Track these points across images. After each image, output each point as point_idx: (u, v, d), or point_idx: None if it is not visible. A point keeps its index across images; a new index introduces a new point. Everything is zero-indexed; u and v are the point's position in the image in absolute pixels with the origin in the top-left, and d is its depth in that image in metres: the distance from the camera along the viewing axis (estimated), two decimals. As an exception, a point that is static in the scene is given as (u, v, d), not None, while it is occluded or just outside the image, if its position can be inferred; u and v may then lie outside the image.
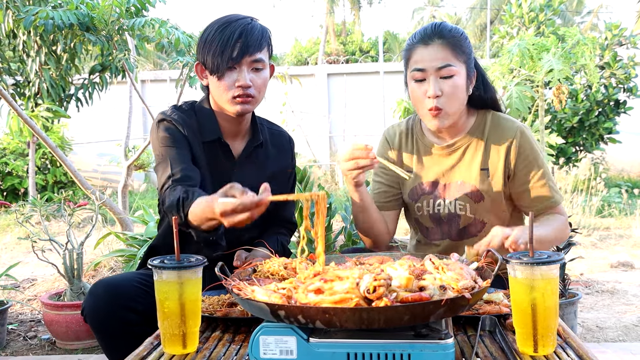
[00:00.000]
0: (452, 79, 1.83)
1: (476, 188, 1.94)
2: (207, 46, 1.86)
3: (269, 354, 1.20)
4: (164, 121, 1.93)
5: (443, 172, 1.98)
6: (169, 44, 4.39)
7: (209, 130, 1.94)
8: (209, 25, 1.90)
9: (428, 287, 1.17)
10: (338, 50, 23.83)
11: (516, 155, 1.91)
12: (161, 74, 12.88)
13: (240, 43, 1.83)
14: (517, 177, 1.92)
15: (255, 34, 1.86)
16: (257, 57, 1.86)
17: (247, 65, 1.86)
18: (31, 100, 5.02)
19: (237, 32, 1.83)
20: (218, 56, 1.83)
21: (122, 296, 1.73)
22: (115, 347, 1.76)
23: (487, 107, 2.00)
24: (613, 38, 7.47)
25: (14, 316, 3.91)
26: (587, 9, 25.43)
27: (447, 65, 1.82)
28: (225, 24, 1.86)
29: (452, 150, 1.97)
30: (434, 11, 29.17)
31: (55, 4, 4.34)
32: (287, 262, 1.54)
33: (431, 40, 1.84)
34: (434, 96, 1.83)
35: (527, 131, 1.94)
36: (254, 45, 1.85)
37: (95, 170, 11.75)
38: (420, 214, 2.03)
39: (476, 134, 1.96)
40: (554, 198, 1.92)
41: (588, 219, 6.98)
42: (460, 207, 1.96)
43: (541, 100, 4.11)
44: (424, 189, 2.01)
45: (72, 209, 3.47)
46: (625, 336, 3.41)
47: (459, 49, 1.85)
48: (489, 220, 1.96)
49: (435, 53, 1.83)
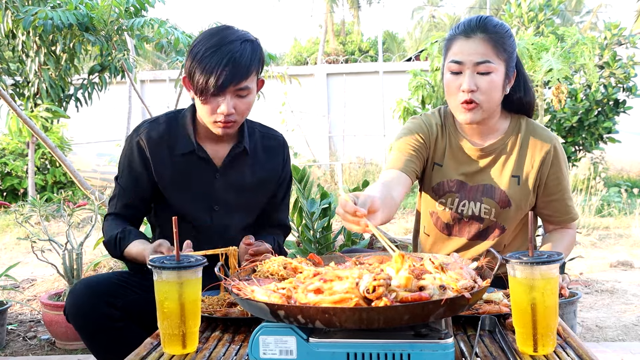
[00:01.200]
0: (490, 75, 1.79)
1: (505, 194, 1.92)
2: (195, 66, 1.80)
3: (269, 354, 1.19)
4: (129, 143, 1.98)
5: (473, 173, 1.95)
6: (168, 43, 4.39)
7: (184, 143, 1.95)
8: (200, 41, 1.83)
9: (428, 287, 1.17)
10: (337, 50, 23.82)
11: (550, 167, 1.90)
12: (160, 74, 12.87)
13: (227, 72, 1.77)
14: (547, 187, 1.92)
15: (243, 61, 1.79)
16: (242, 86, 1.82)
17: (231, 93, 1.82)
18: (30, 100, 5.03)
19: (225, 60, 1.77)
20: (204, 82, 1.78)
21: (101, 293, 1.78)
22: (99, 343, 1.81)
23: (522, 112, 1.96)
24: (612, 37, 7.47)
25: (13, 316, 3.91)
26: (586, 9, 25.45)
27: (485, 61, 1.78)
28: (215, 48, 1.78)
29: (485, 153, 1.94)
30: (433, 11, 29.17)
31: (54, 4, 4.34)
32: (287, 262, 1.54)
33: (473, 33, 1.80)
34: (468, 91, 1.79)
35: (560, 144, 1.94)
36: (241, 74, 1.80)
37: (94, 171, 11.74)
38: (441, 210, 1.99)
39: (511, 139, 1.93)
40: (572, 214, 1.96)
41: (588, 218, 6.98)
42: (486, 210, 1.94)
43: (541, 100, 4.11)
44: (451, 186, 1.96)
45: (71, 209, 3.47)
46: (625, 335, 3.41)
47: (501, 46, 1.80)
48: (509, 226, 1.96)
49: (476, 47, 1.79)
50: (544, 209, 1.96)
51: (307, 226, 3.44)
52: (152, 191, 1.98)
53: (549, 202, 1.94)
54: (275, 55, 4.61)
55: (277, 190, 2.11)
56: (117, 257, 1.94)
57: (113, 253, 1.93)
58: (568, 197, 1.95)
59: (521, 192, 1.91)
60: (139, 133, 1.96)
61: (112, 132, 10.26)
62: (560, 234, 1.96)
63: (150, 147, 1.94)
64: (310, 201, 3.40)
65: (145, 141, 1.94)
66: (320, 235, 3.43)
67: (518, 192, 1.91)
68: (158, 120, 2.00)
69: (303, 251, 3.42)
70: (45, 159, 9.63)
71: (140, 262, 1.82)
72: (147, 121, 2.02)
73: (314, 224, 3.41)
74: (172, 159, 1.95)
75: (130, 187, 1.97)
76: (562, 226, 1.98)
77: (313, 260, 1.59)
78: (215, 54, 1.77)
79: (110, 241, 1.92)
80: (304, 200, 3.38)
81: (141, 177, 1.96)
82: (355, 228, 1.46)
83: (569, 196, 1.95)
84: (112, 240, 1.91)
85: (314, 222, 3.40)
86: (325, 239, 3.43)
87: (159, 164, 1.94)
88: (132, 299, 1.83)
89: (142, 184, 1.97)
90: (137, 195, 1.98)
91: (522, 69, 1.94)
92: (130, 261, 1.91)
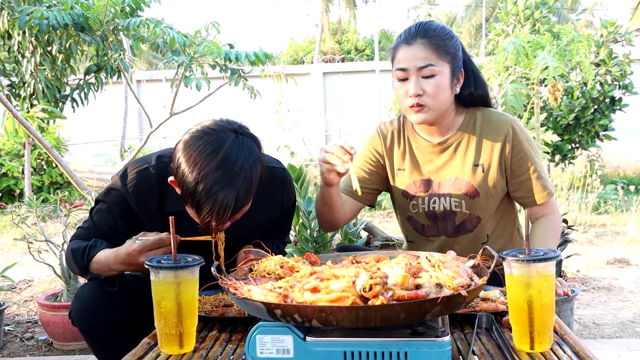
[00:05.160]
0: (434, 78, 1.84)
1: (470, 184, 1.95)
2: (189, 195, 1.56)
3: (266, 353, 1.19)
4: (116, 190, 1.79)
5: (436, 170, 2.00)
6: (164, 43, 4.38)
7: (174, 200, 1.72)
8: (198, 167, 1.54)
9: (424, 285, 1.17)
10: (334, 49, 23.82)
11: (511, 149, 1.92)
12: (157, 74, 12.87)
13: (221, 217, 1.56)
14: (512, 169, 1.94)
15: (239, 203, 1.57)
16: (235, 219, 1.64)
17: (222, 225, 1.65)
18: (26, 101, 5.02)
19: (223, 206, 1.53)
20: (195, 215, 1.60)
21: (107, 296, 1.75)
22: (105, 348, 1.78)
23: (478, 105, 2.00)
24: (608, 35, 7.49)
25: (10, 317, 3.90)
26: (582, 7, 25.50)
27: (428, 64, 1.83)
28: (215, 188, 1.52)
29: (444, 147, 1.98)
30: (429, 9, 29.18)
31: (49, 4, 4.33)
32: (284, 261, 1.54)
33: (414, 40, 1.86)
34: (415, 95, 1.84)
35: (519, 124, 1.96)
36: (236, 213, 1.61)
37: (91, 171, 11.72)
38: (415, 212, 2.04)
39: (467, 130, 1.97)
40: (548, 189, 1.95)
41: (584, 215, 7.00)
42: (456, 203, 1.97)
43: (537, 98, 4.12)
44: (418, 186, 2.02)
45: (68, 210, 3.46)
46: (622, 332, 3.42)
47: (442, 49, 1.85)
48: (484, 215, 1.98)
49: (416, 53, 1.85)
50: (517, 192, 1.97)
51: (304, 225, 3.44)
52: (130, 236, 1.79)
53: (519, 184, 1.95)
54: (271, 55, 4.61)
55: (278, 220, 2.01)
56: (79, 268, 1.76)
57: (78, 263, 1.75)
58: (538, 175, 1.93)
59: (487, 179, 1.94)
60: (127, 183, 1.77)
61: (109, 132, 10.26)
62: (546, 224, 1.95)
63: (138, 202, 1.78)
64: (307, 200, 3.40)
65: (132, 195, 1.77)
66: (317, 234, 3.43)
67: (483, 180, 1.94)
68: (148, 170, 1.79)
69: (300, 250, 3.43)
70: (42, 159, 9.63)
71: (107, 268, 1.70)
72: (136, 167, 1.81)
73: (311, 223, 3.41)
74: (161, 215, 1.77)
75: (104, 231, 1.81)
76: (543, 209, 1.96)
77: (310, 259, 1.59)
78: (215, 197, 1.53)
79: (76, 250, 1.75)
80: (301, 199, 3.38)
81: (119, 226, 1.81)
82: (334, 161, 1.73)
83: (539, 174, 1.94)
84: (79, 249, 1.74)
85: (310, 221, 3.40)
86: (322, 238, 3.43)
87: (148, 219, 1.79)
88: (138, 303, 1.76)
89: (119, 231, 1.81)
90: (110, 237, 1.80)
91: (470, 65, 1.98)
92: (92, 273, 1.75)
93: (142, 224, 1.80)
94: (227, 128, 1.61)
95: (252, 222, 1.81)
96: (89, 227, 1.84)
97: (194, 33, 4.52)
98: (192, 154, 1.55)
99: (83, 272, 1.77)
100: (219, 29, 4.35)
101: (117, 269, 1.70)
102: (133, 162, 1.85)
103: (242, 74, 4.35)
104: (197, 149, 1.56)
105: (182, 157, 1.57)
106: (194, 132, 1.61)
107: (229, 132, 1.60)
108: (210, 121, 1.65)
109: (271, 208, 1.94)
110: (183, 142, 1.60)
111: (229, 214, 1.55)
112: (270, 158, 1.95)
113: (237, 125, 1.64)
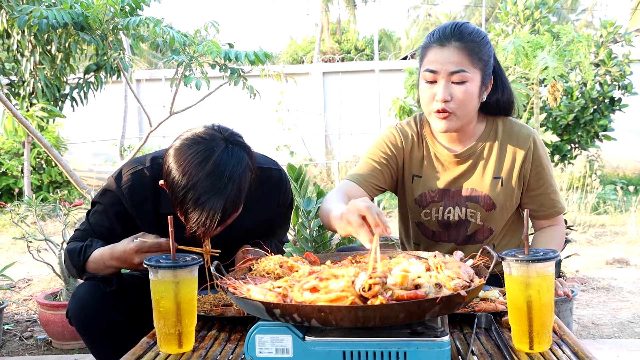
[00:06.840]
0: (464, 85, 1.76)
1: (488, 197, 1.90)
2: (178, 203, 1.57)
3: (265, 353, 1.19)
4: (111, 192, 1.79)
5: (454, 180, 1.93)
6: (163, 43, 4.37)
7: (167, 203, 1.68)
8: (187, 176, 1.54)
9: (423, 285, 1.17)
10: (333, 48, 23.80)
11: (531, 164, 1.89)
12: (156, 73, 12.86)
13: (208, 226, 1.56)
14: (530, 184, 1.91)
15: (227, 212, 1.57)
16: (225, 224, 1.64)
17: None
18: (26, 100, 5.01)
19: (210, 215, 1.53)
20: (185, 222, 1.59)
21: (104, 296, 1.75)
22: (102, 347, 1.79)
23: (501, 113, 1.94)
24: (608, 35, 7.48)
25: (9, 316, 3.90)
26: (582, 7, 25.50)
27: (460, 70, 1.75)
28: (203, 197, 1.53)
29: (464, 158, 1.92)
30: (429, 9, 29.17)
31: (49, 3, 4.33)
32: (283, 261, 1.54)
33: (448, 41, 1.76)
34: (442, 100, 1.76)
35: (539, 137, 1.93)
36: (225, 222, 1.60)
37: (90, 170, 11.71)
38: (427, 219, 1.98)
39: (488, 140, 1.91)
40: (560, 205, 1.94)
41: (583, 216, 7.00)
42: (471, 214, 1.93)
43: (536, 98, 4.12)
44: (434, 196, 1.95)
45: (67, 209, 3.46)
46: (621, 332, 3.42)
47: (476, 54, 1.77)
48: (496, 228, 1.95)
49: (450, 56, 1.75)
50: (529, 204, 1.93)
51: (303, 225, 3.44)
52: (126, 236, 1.76)
53: (533, 197, 1.93)
54: (271, 54, 4.61)
55: (274, 220, 2.01)
56: (76, 269, 1.77)
57: (75, 263, 1.76)
58: (552, 190, 1.92)
59: (505, 193, 1.90)
60: (121, 184, 1.77)
61: (108, 131, 10.24)
62: (551, 232, 1.95)
63: (132, 203, 1.77)
64: (307, 200, 3.40)
65: (127, 196, 1.77)
66: (316, 233, 3.43)
67: (502, 193, 1.90)
68: (143, 172, 1.79)
69: (299, 250, 3.42)
70: (41, 158, 9.61)
71: (103, 266, 1.71)
72: (131, 168, 1.80)
73: (310, 222, 3.41)
74: (157, 217, 1.77)
75: (101, 232, 1.81)
76: (550, 221, 1.96)
77: (309, 258, 1.59)
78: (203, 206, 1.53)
79: (73, 251, 1.76)
80: (300, 199, 3.38)
81: (115, 227, 1.81)
82: (361, 238, 1.38)
83: (553, 189, 1.92)
84: (75, 250, 1.76)
85: (310, 221, 3.40)
86: (321, 237, 3.43)
87: (143, 220, 1.79)
88: (135, 302, 1.77)
89: (115, 233, 1.79)
90: (107, 239, 1.78)
91: (498, 71, 1.90)
92: (89, 273, 1.76)
93: (137, 225, 1.79)
94: (218, 137, 1.61)
95: (248, 224, 1.81)
96: (85, 229, 1.85)
97: (193, 32, 4.51)
98: (181, 162, 1.56)
99: (80, 273, 1.78)
100: (218, 29, 4.35)
101: (111, 265, 1.71)
102: (127, 163, 1.85)
103: (241, 74, 4.35)
104: (187, 157, 1.56)
105: (173, 164, 1.57)
106: (185, 139, 1.61)
107: (219, 140, 1.59)
108: (202, 128, 1.64)
109: (267, 210, 1.93)
110: (174, 148, 1.60)
111: (215, 223, 1.55)
112: (266, 159, 1.95)
113: (228, 133, 1.64)
